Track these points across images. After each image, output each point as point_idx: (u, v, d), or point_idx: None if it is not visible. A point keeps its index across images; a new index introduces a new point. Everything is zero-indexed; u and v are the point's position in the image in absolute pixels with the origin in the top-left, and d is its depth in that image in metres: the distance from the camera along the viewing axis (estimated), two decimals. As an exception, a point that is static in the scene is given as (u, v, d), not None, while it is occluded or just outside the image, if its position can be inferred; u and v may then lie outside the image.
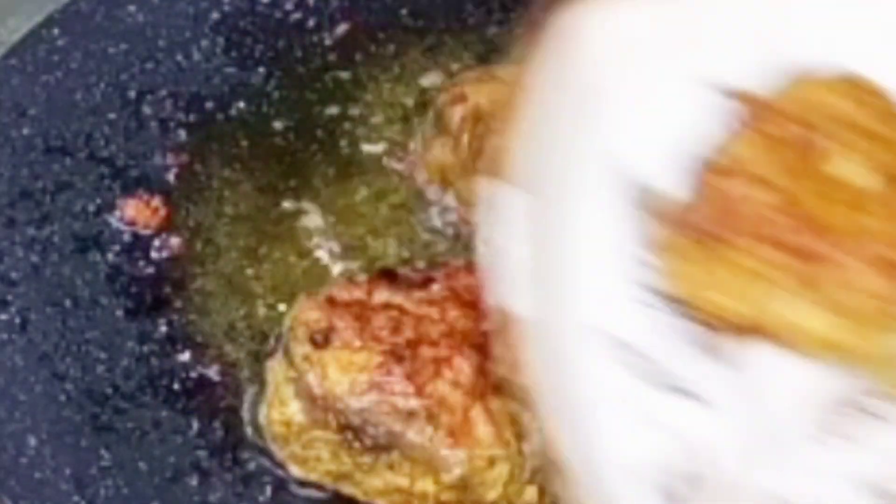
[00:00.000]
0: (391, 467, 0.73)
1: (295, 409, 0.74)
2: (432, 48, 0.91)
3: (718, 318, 0.66)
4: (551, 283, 0.67)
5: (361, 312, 0.74)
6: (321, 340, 0.73)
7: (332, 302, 0.75)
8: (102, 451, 0.74)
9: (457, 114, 0.82)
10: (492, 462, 0.72)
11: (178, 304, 0.79)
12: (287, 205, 0.83)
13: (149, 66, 0.85)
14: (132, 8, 0.88)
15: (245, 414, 0.76)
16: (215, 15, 0.89)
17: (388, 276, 0.77)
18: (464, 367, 0.73)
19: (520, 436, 0.72)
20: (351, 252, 0.82)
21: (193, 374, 0.77)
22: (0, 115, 0.83)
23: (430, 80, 0.89)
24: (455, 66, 0.89)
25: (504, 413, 0.72)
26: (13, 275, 0.78)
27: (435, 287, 0.76)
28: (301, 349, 0.74)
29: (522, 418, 0.72)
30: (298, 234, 0.82)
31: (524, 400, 0.67)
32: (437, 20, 0.92)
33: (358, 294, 0.75)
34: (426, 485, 0.72)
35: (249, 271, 0.81)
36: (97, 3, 0.88)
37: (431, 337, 0.73)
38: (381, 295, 0.75)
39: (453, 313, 0.74)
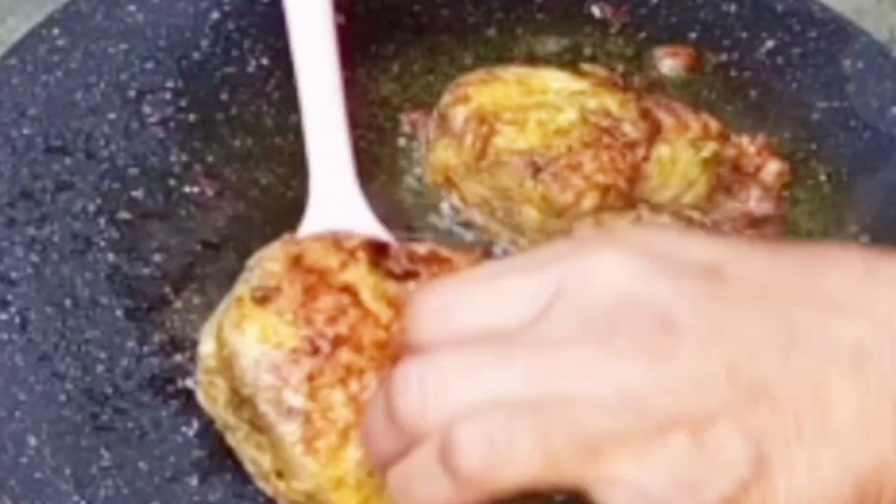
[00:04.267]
0: (258, 447, 0.71)
1: (208, 348, 0.73)
2: (432, 48, 0.91)
3: None
4: None
5: (315, 286, 0.71)
6: (260, 298, 0.71)
7: (297, 261, 0.72)
8: (102, 451, 0.74)
9: (460, 114, 0.82)
10: (339, 484, 0.68)
11: (178, 304, 0.79)
12: (287, 205, 0.83)
13: (149, 66, 0.85)
14: (132, 8, 0.88)
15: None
16: (215, 15, 0.89)
17: (380, 249, 0.74)
18: (372, 385, 0.69)
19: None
20: (351, 252, 0.82)
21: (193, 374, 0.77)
22: (0, 115, 0.83)
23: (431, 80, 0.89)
24: (455, 67, 0.90)
25: None
26: (13, 275, 0.78)
27: (411, 285, 0.72)
28: (245, 289, 0.72)
29: None
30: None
31: None
32: (437, 20, 0.92)
33: (331, 261, 0.72)
34: (279, 483, 0.70)
35: (250, 271, 0.81)
36: (97, 3, 0.88)
37: (361, 342, 0.70)
38: (352, 272, 0.72)
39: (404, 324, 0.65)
